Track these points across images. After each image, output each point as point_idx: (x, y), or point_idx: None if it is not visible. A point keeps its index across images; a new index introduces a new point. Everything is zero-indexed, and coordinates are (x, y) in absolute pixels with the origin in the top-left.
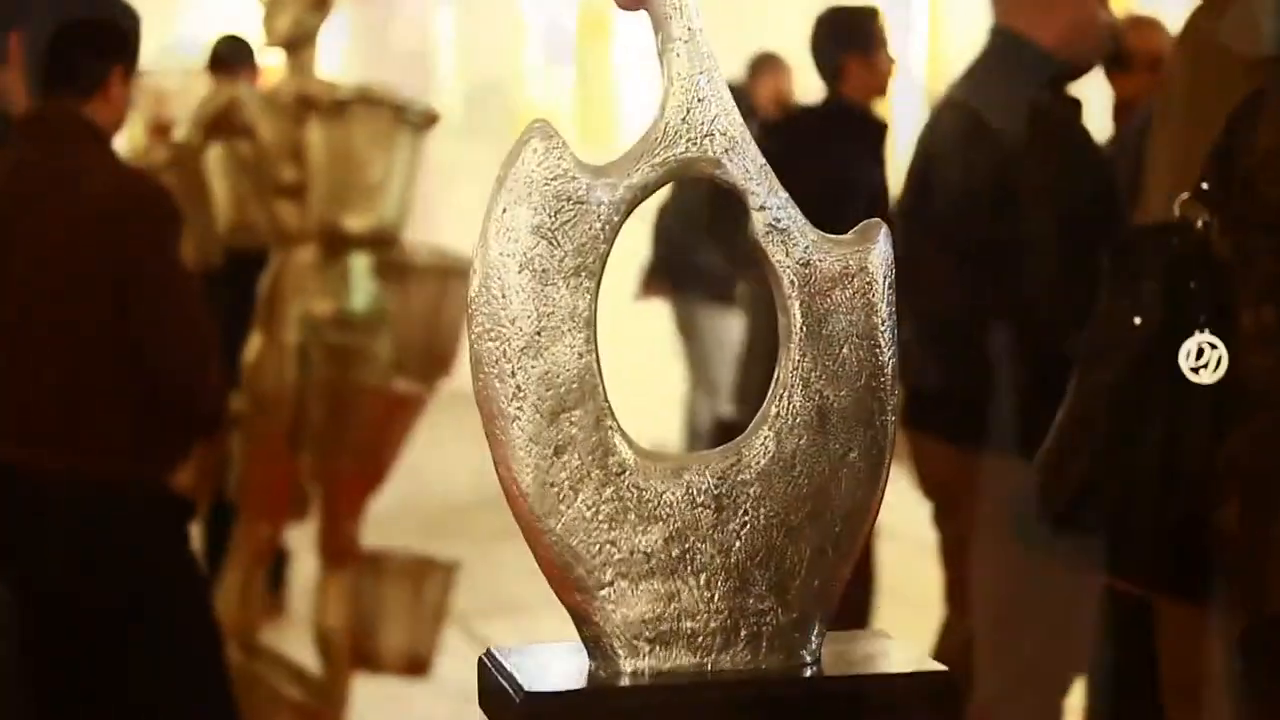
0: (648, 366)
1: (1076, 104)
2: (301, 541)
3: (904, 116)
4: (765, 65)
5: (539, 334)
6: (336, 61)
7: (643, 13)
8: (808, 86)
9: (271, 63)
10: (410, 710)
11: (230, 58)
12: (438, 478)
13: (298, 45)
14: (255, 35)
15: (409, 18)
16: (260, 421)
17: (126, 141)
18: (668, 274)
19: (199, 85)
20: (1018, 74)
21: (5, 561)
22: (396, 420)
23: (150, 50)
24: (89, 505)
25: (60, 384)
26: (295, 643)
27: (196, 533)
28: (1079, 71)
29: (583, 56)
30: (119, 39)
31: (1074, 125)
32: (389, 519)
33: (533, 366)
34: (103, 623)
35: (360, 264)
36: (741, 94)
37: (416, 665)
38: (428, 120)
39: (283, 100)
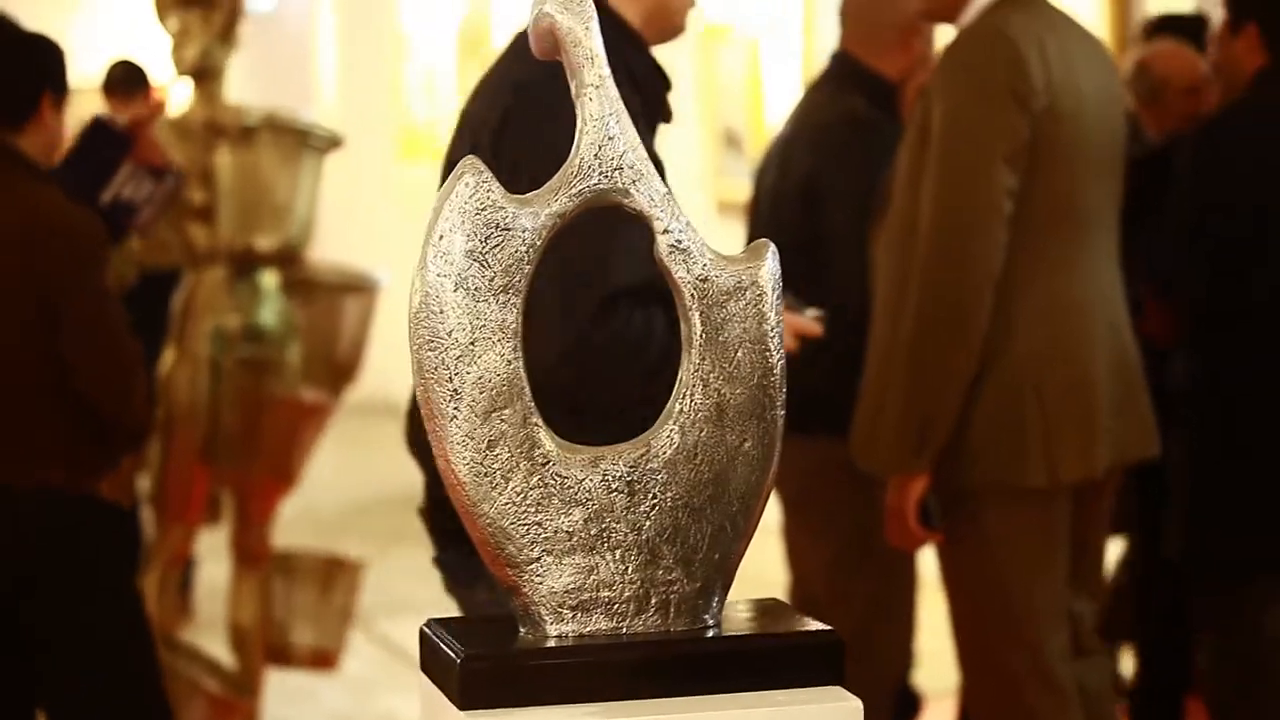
0: None
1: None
2: (209, 546)
3: None
4: None
5: (473, 344)
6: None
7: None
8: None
9: (166, 86)
10: (318, 703)
11: (126, 82)
12: (337, 481)
13: (206, 75)
14: (148, 59)
15: (290, 36)
16: (175, 431)
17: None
18: None
19: (95, 108)
20: (850, 90)
21: None
22: (305, 428)
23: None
24: (25, 513)
25: (2, 402)
26: (206, 642)
27: None
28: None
29: (462, 75)
30: (47, 70)
31: (883, 132)
32: (291, 521)
33: (468, 372)
34: (43, 629)
35: (269, 280)
36: None
37: (324, 660)
38: (331, 144)
39: (192, 126)
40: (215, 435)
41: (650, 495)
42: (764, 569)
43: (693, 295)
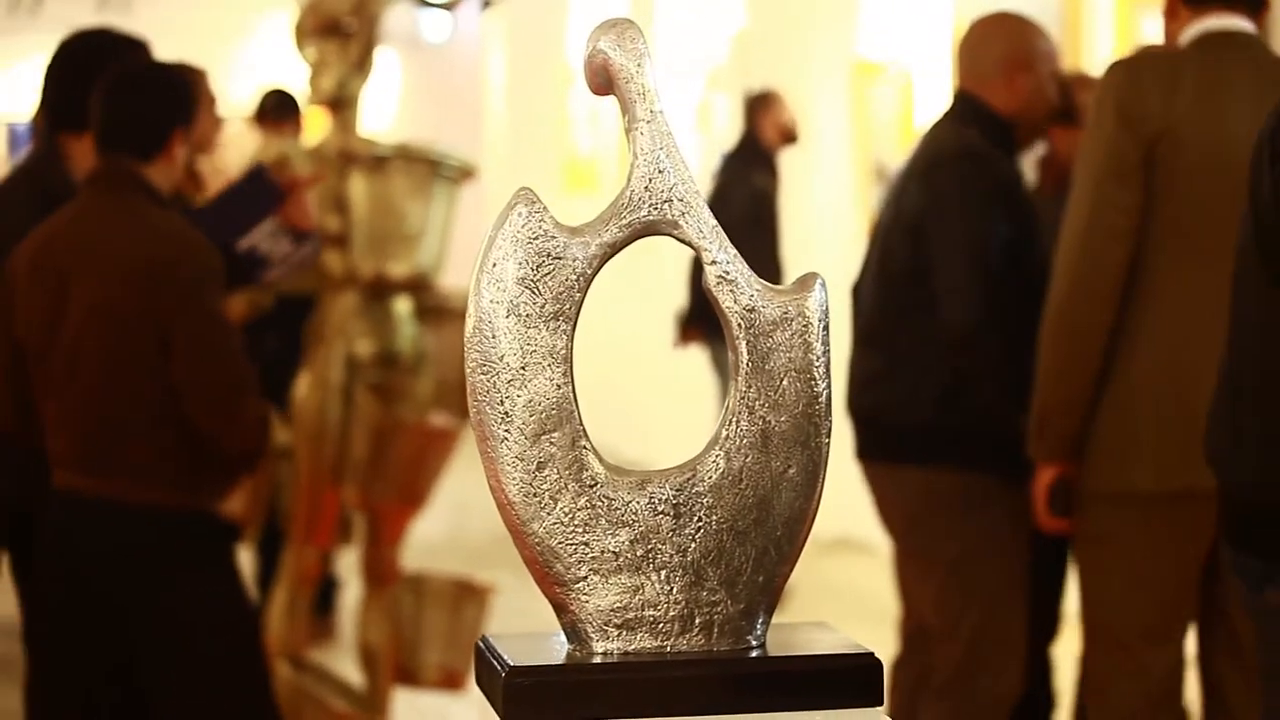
0: (689, 408)
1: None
2: (352, 569)
3: None
4: (764, 101)
5: (524, 368)
6: (392, 112)
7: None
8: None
9: (315, 115)
10: None
11: (276, 111)
12: (482, 509)
13: (341, 104)
14: (300, 89)
15: (461, 69)
16: (307, 454)
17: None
18: (702, 321)
19: (249, 136)
20: (967, 125)
21: (61, 580)
22: (433, 452)
23: None
24: (140, 529)
25: (111, 418)
26: (345, 663)
27: (249, 556)
28: (1028, 134)
29: None
30: (180, 103)
31: (997, 166)
32: (438, 548)
33: (518, 396)
34: (150, 644)
35: (401, 307)
36: (747, 131)
37: (453, 680)
38: (463, 174)
39: (327, 155)
40: (345, 458)
41: (696, 518)
42: (880, 595)
43: (739, 324)
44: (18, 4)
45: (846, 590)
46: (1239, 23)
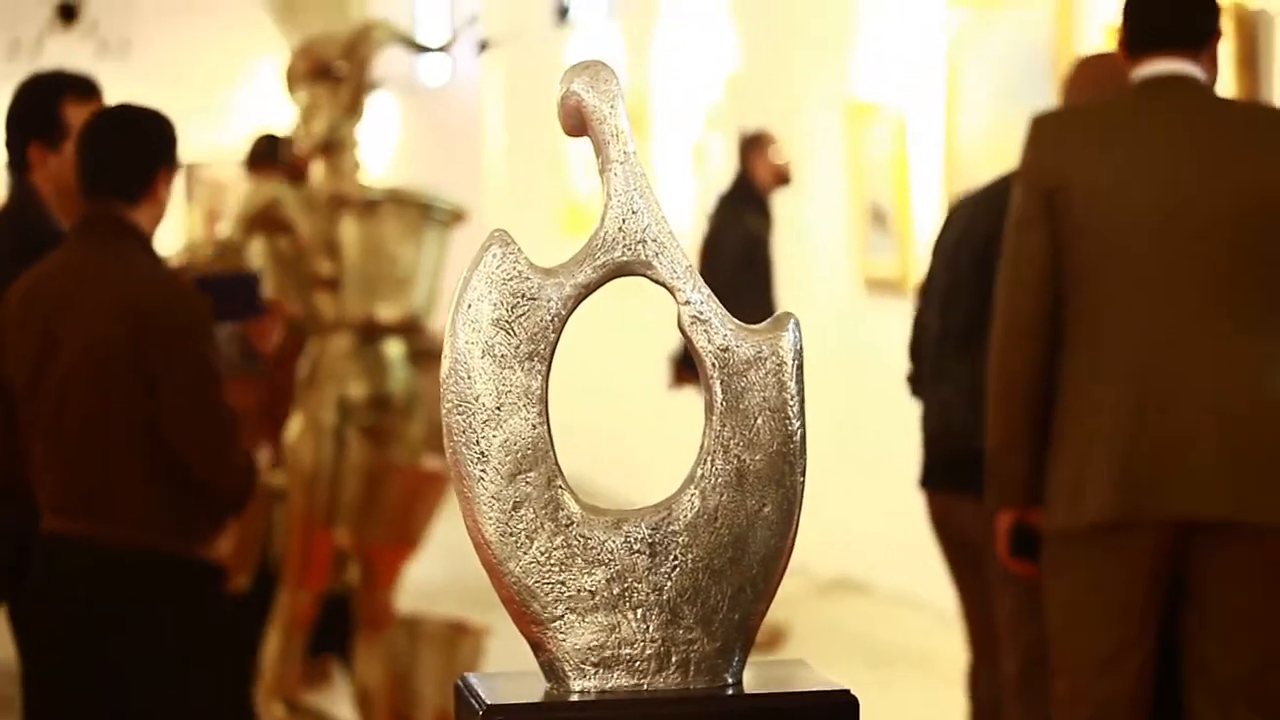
0: (684, 451)
1: None
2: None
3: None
4: (757, 142)
5: (499, 409)
6: (390, 156)
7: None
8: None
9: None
10: None
11: (268, 155)
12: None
13: (333, 148)
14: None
15: (459, 112)
16: (300, 496)
17: (185, 230)
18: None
19: (237, 180)
20: None
21: (50, 624)
22: (426, 495)
23: (206, 145)
24: (126, 571)
25: (98, 462)
26: (341, 706)
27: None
28: None
29: None
30: (165, 146)
31: None
32: (434, 591)
33: (494, 436)
34: (138, 680)
35: (393, 350)
36: (741, 172)
37: None
38: (454, 217)
39: (319, 199)
40: (337, 501)
41: (671, 557)
42: (877, 636)
43: (714, 364)
44: (18, 48)
45: (844, 631)
46: (1178, 66)
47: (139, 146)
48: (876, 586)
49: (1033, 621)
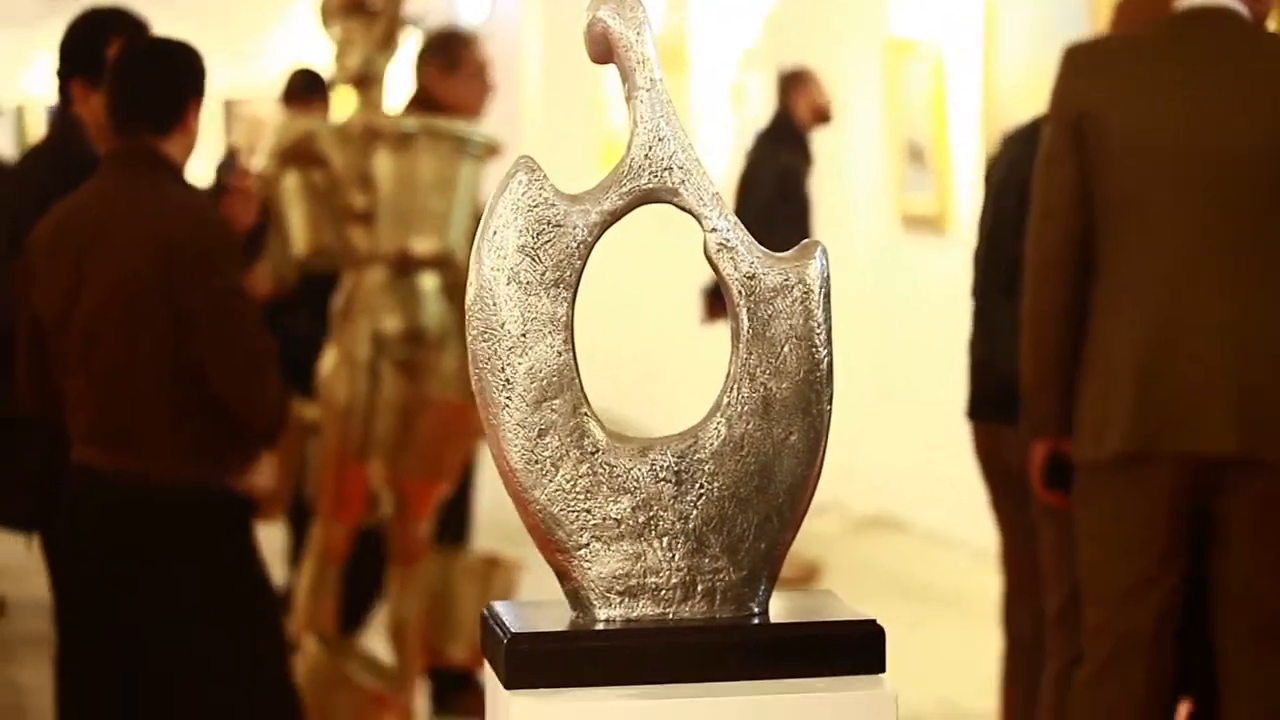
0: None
1: None
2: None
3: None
4: (797, 80)
5: (524, 335)
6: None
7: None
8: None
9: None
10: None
11: (304, 90)
12: None
13: (367, 82)
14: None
15: (498, 49)
16: (333, 430)
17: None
18: None
19: (274, 115)
20: None
21: (80, 556)
22: (460, 429)
23: (246, 82)
24: (154, 504)
25: (130, 393)
26: (375, 640)
27: (280, 532)
28: None
29: None
30: (194, 77)
31: None
32: (483, 528)
33: (519, 363)
34: (167, 613)
35: (427, 284)
36: (780, 110)
37: (481, 657)
38: (488, 151)
39: (353, 132)
40: (371, 435)
41: (697, 485)
42: (914, 573)
43: (740, 291)
44: None
45: (879, 568)
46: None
47: (168, 77)
48: (913, 524)
49: (1074, 556)
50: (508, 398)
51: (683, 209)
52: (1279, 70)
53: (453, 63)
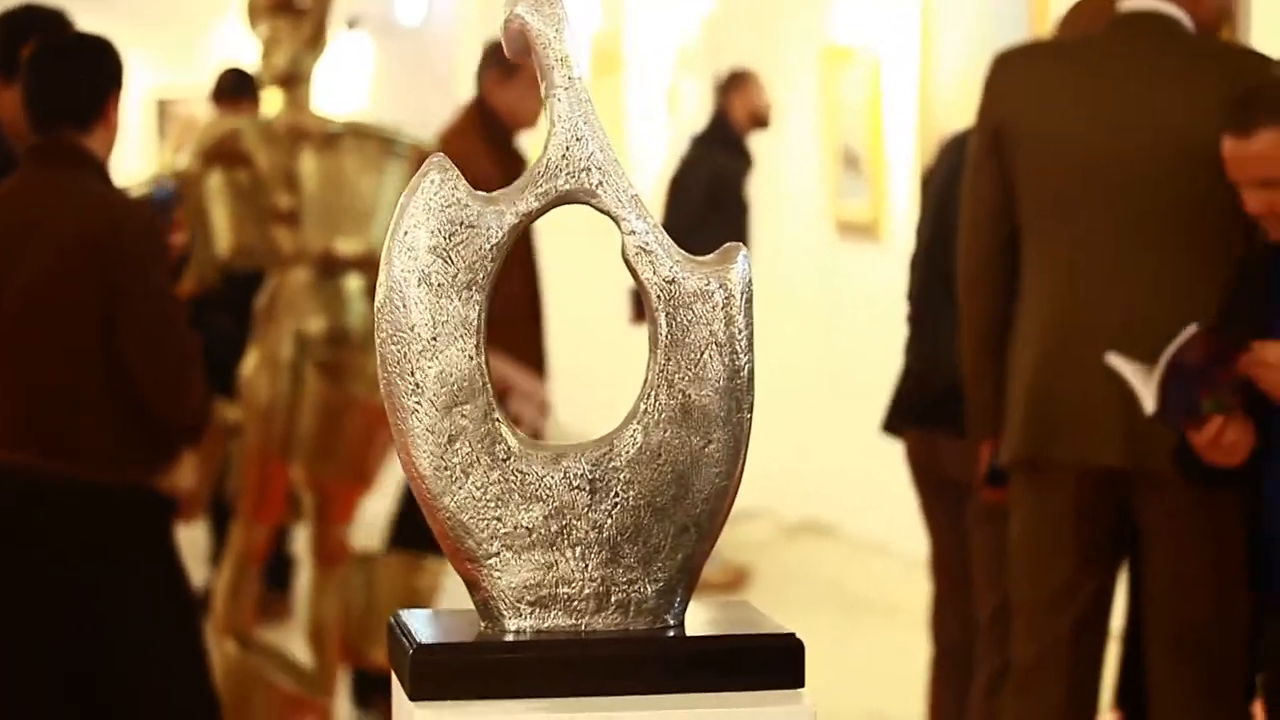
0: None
1: None
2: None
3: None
4: (737, 82)
5: (434, 339)
6: (366, 95)
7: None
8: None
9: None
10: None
11: (234, 90)
12: None
13: (294, 81)
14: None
15: (435, 51)
16: (255, 430)
17: (157, 166)
18: None
19: (203, 114)
20: None
21: (2, 557)
22: (383, 431)
23: (180, 81)
24: (76, 503)
25: (51, 392)
26: (298, 642)
27: (202, 533)
28: None
29: (595, 92)
30: (112, 69)
31: None
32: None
33: (429, 367)
34: (88, 612)
35: (352, 285)
36: (718, 113)
37: None
38: (417, 152)
39: (278, 131)
40: (293, 436)
41: (612, 494)
42: (845, 581)
43: (658, 296)
44: None
45: (809, 575)
46: (1157, 4)
47: (87, 71)
48: (844, 531)
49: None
50: (417, 402)
51: (601, 210)
52: (1209, 77)
53: (509, 71)
